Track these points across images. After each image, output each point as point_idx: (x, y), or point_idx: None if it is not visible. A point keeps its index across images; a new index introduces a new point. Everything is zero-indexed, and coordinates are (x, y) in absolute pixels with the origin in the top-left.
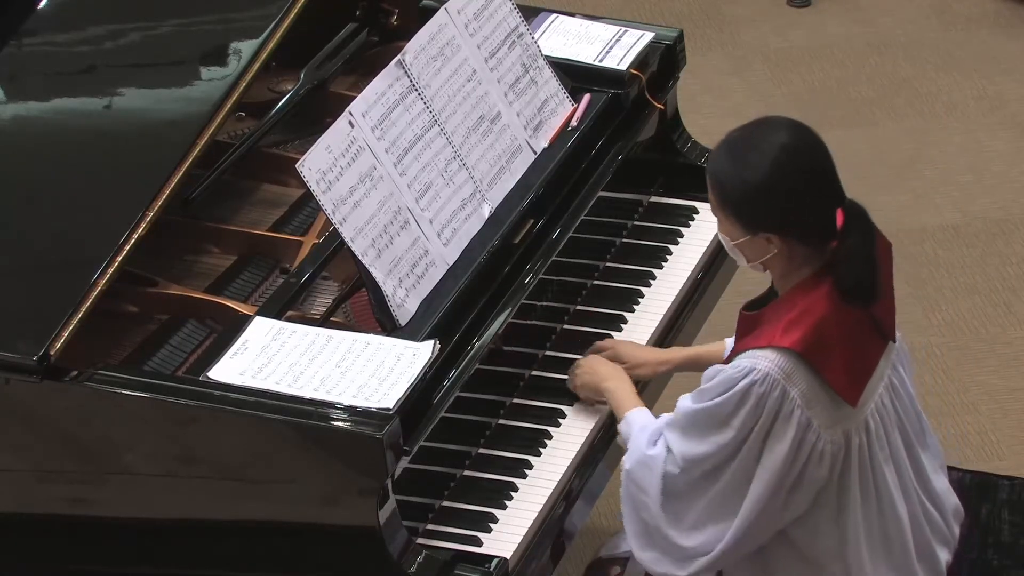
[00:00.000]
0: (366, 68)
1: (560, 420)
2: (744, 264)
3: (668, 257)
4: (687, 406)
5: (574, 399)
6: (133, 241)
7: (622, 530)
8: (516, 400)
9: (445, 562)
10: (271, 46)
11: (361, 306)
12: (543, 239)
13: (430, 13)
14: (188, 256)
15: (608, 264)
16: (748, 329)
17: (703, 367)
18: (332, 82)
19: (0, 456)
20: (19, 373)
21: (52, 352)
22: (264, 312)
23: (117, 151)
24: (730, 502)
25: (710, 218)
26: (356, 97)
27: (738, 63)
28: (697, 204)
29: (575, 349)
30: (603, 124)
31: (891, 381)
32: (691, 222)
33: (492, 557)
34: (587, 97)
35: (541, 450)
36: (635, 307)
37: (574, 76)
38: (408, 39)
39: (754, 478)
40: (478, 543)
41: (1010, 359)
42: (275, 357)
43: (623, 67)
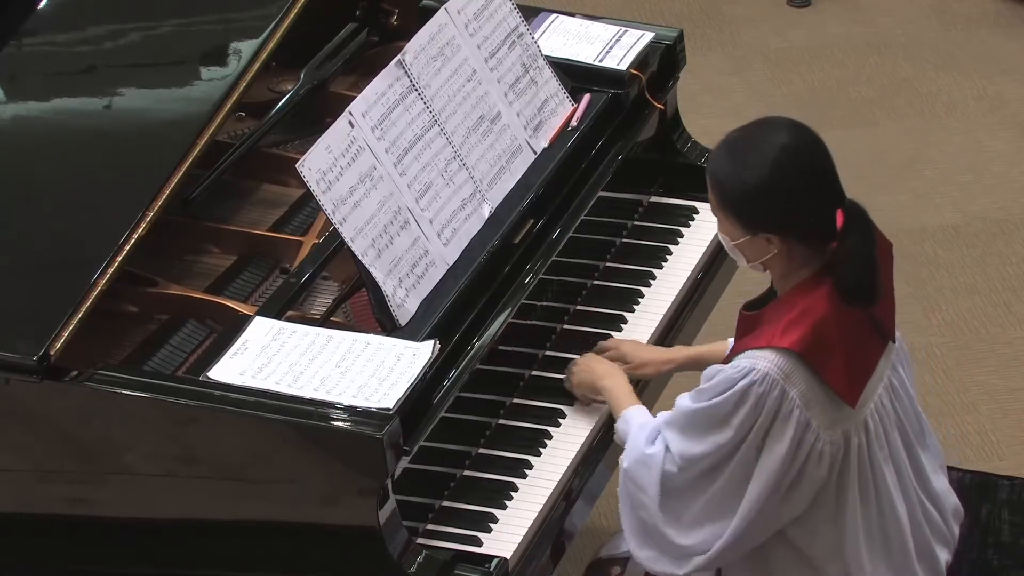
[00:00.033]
0: (366, 68)
1: (560, 420)
2: (744, 264)
3: (668, 257)
4: (686, 405)
5: (574, 399)
6: (133, 241)
7: (622, 530)
8: (516, 400)
9: (445, 562)
10: (271, 46)
11: (361, 306)
12: (543, 239)
13: (430, 13)
14: (188, 256)
15: (608, 264)
16: (748, 329)
17: (706, 366)
18: (332, 82)
19: (0, 456)
20: (19, 373)
21: (52, 352)
22: (264, 312)
23: (117, 151)
24: (728, 501)
25: (710, 218)
26: (356, 97)
27: (738, 63)
28: (697, 204)
29: (575, 349)
30: (603, 124)
31: (891, 382)
32: (691, 222)
33: (492, 557)
34: (587, 97)
35: (541, 450)
36: (635, 307)
37: (574, 76)
38: (408, 39)
39: (752, 478)
40: (478, 543)
41: (1010, 359)
42: (275, 357)
43: (623, 67)
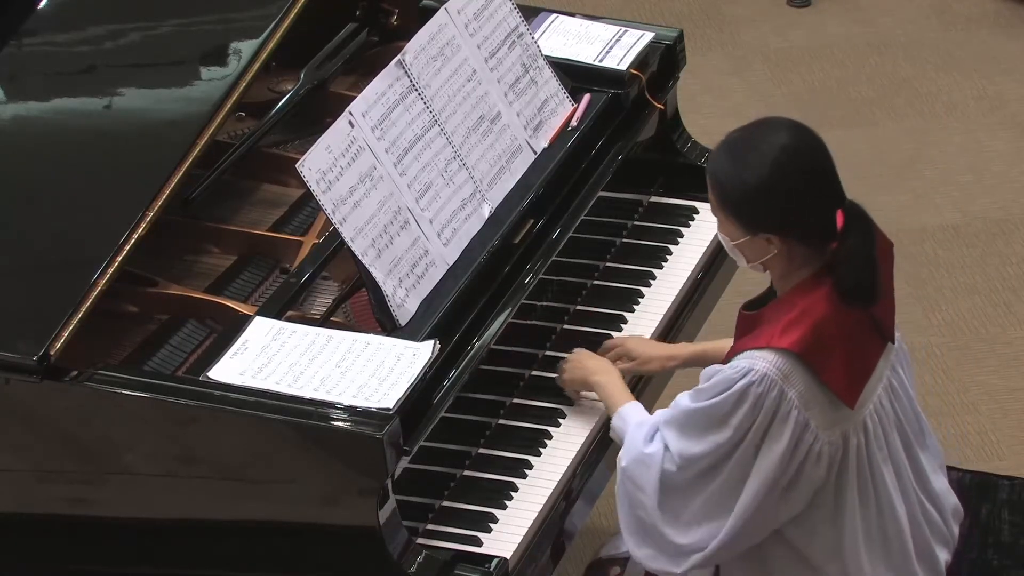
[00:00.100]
0: (366, 68)
1: (560, 420)
2: (744, 264)
3: (668, 257)
4: (685, 404)
5: (582, 400)
6: (133, 241)
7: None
8: (516, 400)
9: (445, 562)
10: (271, 46)
11: (361, 306)
12: (543, 239)
13: (430, 13)
14: (188, 256)
15: (608, 264)
16: (747, 329)
17: (711, 363)
18: (332, 82)
19: (0, 456)
20: (19, 373)
21: (52, 352)
22: (264, 312)
23: (117, 151)
24: (726, 501)
25: (710, 218)
26: (356, 97)
27: (738, 63)
28: (697, 204)
29: (575, 349)
30: (603, 124)
31: (890, 382)
32: (691, 222)
33: (492, 557)
34: (587, 97)
35: (541, 450)
36: (635, 307)
37: (574, 76)
38: (408, 39)
39: (750, 477)
40: (478, 543)
41: (1010, 359)
42: (275, 357)
43: (623, 67)
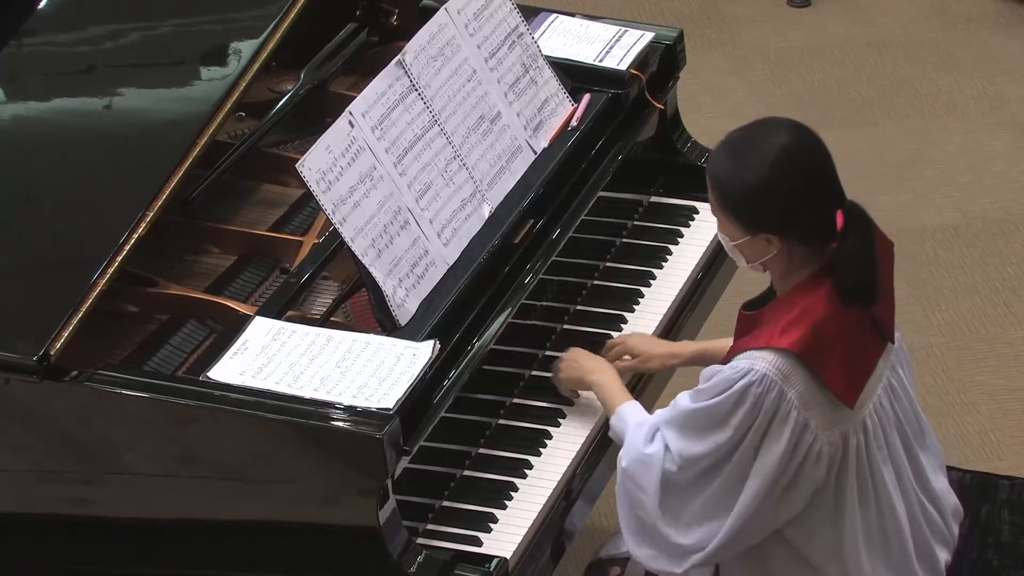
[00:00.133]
0: (366, 68)
1: (560, 420)
2: (744, 265)
3: (668, 257)
4: (685, 404)
5: (576, 399)
6: (133, 241)
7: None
8: (516, 400)
9: (445, 562)
10: (271, 46)
11: (361, 306)
12: (543, 239)
13: (430, 13)
14: (188, 256)
15: (608, 264)
16: (747, 329)
17: (713, 362)
18: (332, 82)
19: (0, 456)
20: (19, 373)
21: (52, 352)
22: (264, 312)
23: (117, 151)
24: (726, 501)
25: (710, 218)
26: (356, 97)
27: (738, 63)
28: (697, 204)
29: (570, 348)
30: (603, 124)
31: (890, 382)
32: (691, 222)
33: (492, 557)
34: (587, 97)
35: (541, 450)
36: (635, 307)
37: (574, 76)
38: (408, 39)
39: (749, 477)
40: (478, 543)
41: (1010, 359)
42: (275, 357)
43: (623, 67)
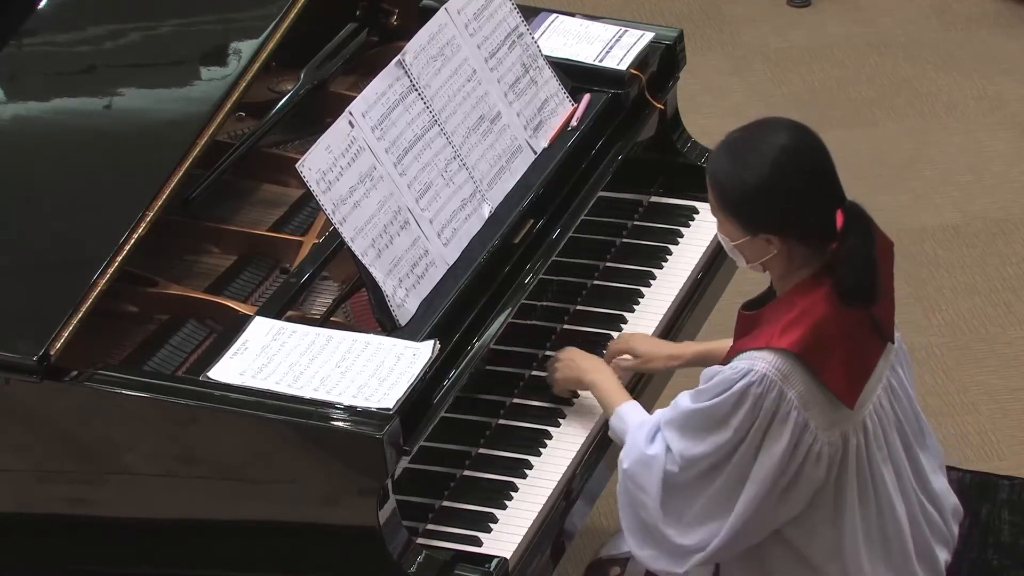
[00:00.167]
0: (366, 68)
1: (560, 420)
2: (744, 265)
3: (668, 257)
4: (686, 405)
5: (575, 399)
6: (133, 241)
7: (622, 530)
8: (516, 400)
9: (445, 562)
10: (271, 46)
11: (361, 306)
12: (543, 239)
13: (430, 13)
14: (188, 256)
15: (608, 264)
16: (747, 329)
17: (713, 363)
18: (332, 82)
19: (0, 456)
20: (19, 373)
21: (52, 352)
22: (264, 312)
23: (117, 151)
24: (727, 501)
25: (710, 218)
26: (356, 97)
27: (738, 63)
28: (697, 204)
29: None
30: (603, 124)
31: (890, 383)
32: (691, 222)
33: (492, 557)
34: (587, 97)
35: (541, 450)
36: (635, 307)
37: (574, 76)
38: (408, 39)
39: (749, 477)
40: (478, 543)
41: (1010, 359)
42: (275, 357)
43: (623, 67)
